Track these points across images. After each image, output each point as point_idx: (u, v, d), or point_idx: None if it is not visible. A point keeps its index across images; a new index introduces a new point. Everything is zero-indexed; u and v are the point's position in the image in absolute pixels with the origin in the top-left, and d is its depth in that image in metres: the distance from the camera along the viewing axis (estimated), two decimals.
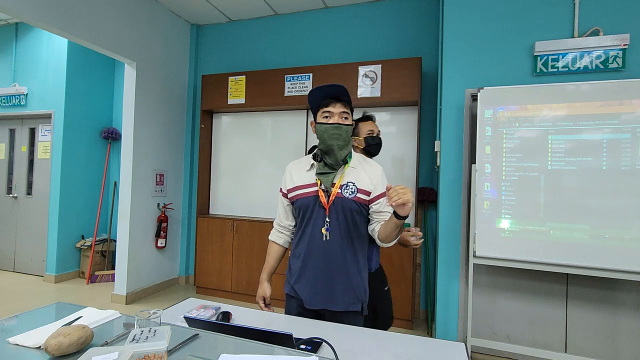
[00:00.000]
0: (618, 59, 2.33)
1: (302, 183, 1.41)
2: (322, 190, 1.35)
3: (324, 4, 3.75)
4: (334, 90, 1.35)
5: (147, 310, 0.93)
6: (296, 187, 1.42)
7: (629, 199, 2.17)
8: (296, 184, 1.42)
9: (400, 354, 1.08)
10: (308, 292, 1.36)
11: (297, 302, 1.41)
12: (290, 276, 1.45)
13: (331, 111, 1.34)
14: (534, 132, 2.37)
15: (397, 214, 1.17)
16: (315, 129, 1.39)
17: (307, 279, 1.37)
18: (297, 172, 1.45)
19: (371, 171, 1.40)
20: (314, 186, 1.38)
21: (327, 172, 1.36)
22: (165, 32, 3.95)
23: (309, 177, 1.40)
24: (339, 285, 1.34)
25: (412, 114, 3.36)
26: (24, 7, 2.58)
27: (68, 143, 4.16)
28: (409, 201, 1.11)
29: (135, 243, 3.62)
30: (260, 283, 1.54)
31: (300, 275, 1.39)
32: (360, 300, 1.37)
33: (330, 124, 1.33)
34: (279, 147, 3.86)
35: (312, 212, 1.36)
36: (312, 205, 1.37)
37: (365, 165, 1.42)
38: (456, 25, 2.69)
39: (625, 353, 2.38)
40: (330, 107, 1.34)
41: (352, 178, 1.37)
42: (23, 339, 0.94)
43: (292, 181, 1.44)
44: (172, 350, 0.91)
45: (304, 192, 1.39)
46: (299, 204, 1.41)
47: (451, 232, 2.68)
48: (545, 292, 2.52)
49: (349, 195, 1.34)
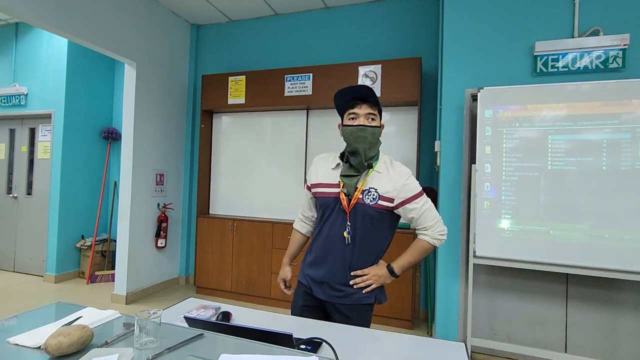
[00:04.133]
0: (618, 59, 2.33)
1: (326, 181, 1.40)
2: (343, 194, 1.34)
3: (324, 4, 3.75)
4: (359, 90, 1.32)
5: (147, 310, 0.93)
6: (320, 184, 1.42)
7: (629, 199, 2.17)
8: (320, 181, 1.42)
9: (400, 354, 1.08)
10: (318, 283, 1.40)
11: (305, 292, 1.45)
12: (305, 265, 1.48)
13: (357, 112, 1.32)
14: (534, 132, 2.37)
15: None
16: (341, 131, 1.38)
17: (320, 272, 1.40)
18: (323, 168, 1.44)
19: (395, 176, 1.35)
20: (336, 187, 1.36)
21: (352, 174, 1.33)
22: (165, 32, 3.95)
23: (333, 176, 1.39)
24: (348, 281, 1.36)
25: (412, 114, 3.36)
26: (24, 7, 2.58)
27: (68, 143, 4.16)
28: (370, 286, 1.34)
29: (135, 243, 3.62)
30: (283, 266, 1.60)
31: (313, 267, 1.43)
32: (374, 293, 1.38)
33: (355, 126, 1.31)
34: (279, 147, 3.86)
35: (332, 212, 1.37)
36: (332, 206, 1.37)
37: (391, 169, 1.37)
38: (456, 25, 2.69)
39: (625, 353, 2.38)
40: (356, 108, 1.32)
41: (375, 184, 1.34)
42: (23, 339, 0.94)
43: (316, 176, 1.45)
44: (173, 349, 0.91)
45: (326, 192, 1.39)
46: (320, 202, 1.42)
47: (451, 232, 2.67)
48: (545, 292, 2.52)
49: (370, 202, 1.31)
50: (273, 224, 3.60)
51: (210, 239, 3.84)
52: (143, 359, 0.87)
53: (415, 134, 3.28)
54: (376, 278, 1.35)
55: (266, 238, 3.62)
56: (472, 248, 2.41)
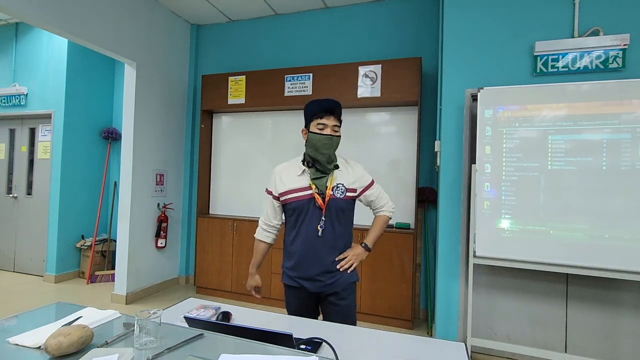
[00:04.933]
0: (618, 59, 2.33)
1: (295, 187, 1.55)
2: (317, 194, 1.52)
3: (324, 4, 3.75)
4: (330, 104, 1.51)
5: (147, 310, 0.93)
6: (289, 191, 1.55)
7: (629, 199, 2.17)
8: (289, 188, 1.56)
9: (400, 354, 1.08)
10: (309, 279, 1.54)
11: (298, 291, 1.58)
12: (290, 269, 1.60)
13: (325, 123, 1.50)
14: (534, 132, 2.37)
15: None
16: (307, 136, 1.54)
17: (306, 269, 1.54)
18: (288, 176, 1.58)
19: (353, 170, 1.61)
20: (307, 189, 1.53)
21: (320, 176, 1.53)
22: (165, 32, 3.95)
23: (301, 181, 1.55)
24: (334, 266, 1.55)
25: (412, 114, 3.36)
26: (24, 7, 2.58)
27: (68, 143, 4.16)
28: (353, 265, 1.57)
29: (135, 243, 3.62)
30: (251, 275, 1.71)
31: (299, 267, 1.55)
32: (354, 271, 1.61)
33: (323, 135, 1.49)
34: (279, 147, 3.86)
35: (307, 212, 1.53)
36: (307, 207, 1.52)
37: (348, 166, 1.62)
38: (456, 25, 2.69)
39: (625, 353, 2.38)
40: (324, 119, 1.50)
41: (340, 180, 1.56)
42: (23, 339, 0.94)
43: (283, 185, 1.57)
44: (173, 349, 0.92)
45: (299, 196, 1.53)
46: (293, 206, 1.55)
47: (451, 232, 2.68)
48: (545, 292, 2.52)
49: (339, 195, 1.54)
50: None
51: (210, 239, 3.84)
52: (143, 359, 0.87)
53: (415, 134, 3.28)
54: (356, 257, 1.59)
55: None
56: (472, 248, 2.41)
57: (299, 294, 1.59)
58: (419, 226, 3.34)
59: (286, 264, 1.62)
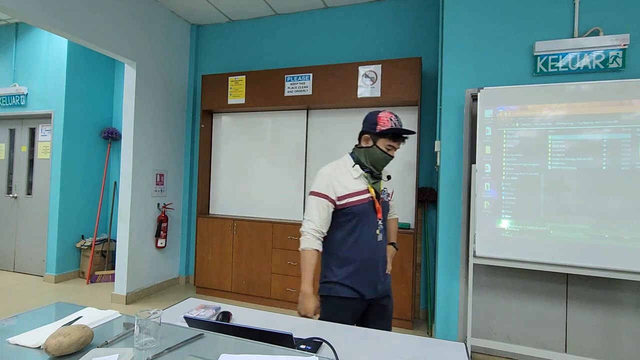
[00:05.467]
0: (618, 59, 2.33)
1: (355, 190, 1.52)
2: (375, 198, 1.54)
3: (324, 4, 3.75)
4: (407, 134, 1.56)
5: (147, 310, 0.93)
6: (350, 194, 1.51)
7: (629, 199, 2.17)
8: (350, 191, 1.52)
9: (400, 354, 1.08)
10: (369, 286, 1.52)
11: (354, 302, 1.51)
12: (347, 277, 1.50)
13: (394, 147, 1.56)
14: (534, 132, 2.37)
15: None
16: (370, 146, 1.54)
17: (368, 275, 1.52)
18: (346, 179, 1.54)
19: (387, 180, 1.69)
20: (365, 193, 1.53)
21: (375, 181, 1.58)
22: (165, 32, 3.95)
23: (358, 184, 1.54)
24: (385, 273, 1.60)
25: (412, 114, 3.36)
26: (24, 7, 2.58)
27: (68, 143, 4.16)
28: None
29: (135, 243, 3.62)
30: (308, 296, 1.46)
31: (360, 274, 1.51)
32: None
33: (388, 155, 1.56)
34: (279, 147, 3.86)
35: (368, 216, 1.52)
36: (367, 211, 1.52)
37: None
38: (456, 25, 2.69)
39: (625, 353, 2.38)
40: (396, 143, 1.55)
41: (384, 186, 1.64)
42: (23, 339, 0.94)
43: (344, 188, 1.52)
44: (173, 349, 0.91)
45: (360, 199, 1.52)
46: (354, 210, 1.51)
47: (451, 232, 2.68)
48: (545, 292, 2.52)
49: (386, 198, 1.63)
50: (273, 224, 3.60)
51: (210, 239, 3.84)
52: (143, 359, 0.87)
53: (415, 134, 3.28)
54: (392, 258, 1.73)
55: (266, 238, 3.62)
56: (472, 248, 2.41)
57: (355, 305, 1.51)
58: (419, 226, 3.34)
59: (340, 273, 1.51)
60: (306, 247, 1.47)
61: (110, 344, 0.95)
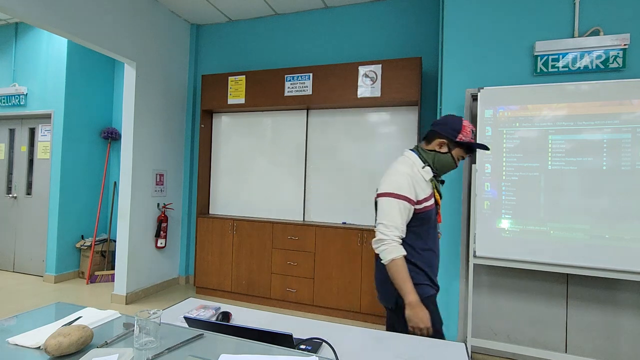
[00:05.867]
0: (618, 59, 2.33)
1: (428, 194, 1.51)
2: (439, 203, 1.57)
3: (324, 4, 3.75)
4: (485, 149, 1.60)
5: (147, 311, 0.92)
6: (425, 199, 1.49)
7: (629, 199, 2.17)
8: (426, 195, 1.49)
9: (400, 354, 1.08)
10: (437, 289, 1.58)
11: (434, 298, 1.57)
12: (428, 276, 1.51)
13: (465, 158, 1.58)
14: (534, 132, 2.37)
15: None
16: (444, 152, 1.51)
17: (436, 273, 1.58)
18: (422, 182, 1.50)
19: None
20: (432, 196, 1.52)
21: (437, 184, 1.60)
22: (165, 32, 3.95)
23: (429, 188, 1.52)
24: None
25: (412, 114, 3.36)
26: (24, 7, 2.58)
27: (68, 143, 4.16)
28: None
29: (135, 243, 3.62)
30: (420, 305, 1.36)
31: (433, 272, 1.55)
32: None
33: (456, 165, 1.56)
34: (279, 147, 3.86)
35: (434, 221, 1.55)
36: (434, 216, 1.54)
37: None
38: (456, 25, 2.69)
39: (625, 353, 2.38)
40: (467, 155, 1.57)
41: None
42: (23, 339, 0.94)
43: (423, 191, 1.48)
44: (173, 349, 0.91)
45: (431, 204, 1.51)
46: (429, 215, 1.50)
47: (451, 232, 2.67)
48: (545, 292, 2.52)
49: None
50: (273, 224, 3.60)
51: (210, 239, 3.84)
52: (143, 359, 0.87)
53: (415, 134, 3.28)
54: None
55: (266, 238, 3.61)
56: (472, 248, 2.41)
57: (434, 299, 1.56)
58: None
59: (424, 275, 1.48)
60: (397, 256, 1.36)
61: (110, 344, 0.94)
